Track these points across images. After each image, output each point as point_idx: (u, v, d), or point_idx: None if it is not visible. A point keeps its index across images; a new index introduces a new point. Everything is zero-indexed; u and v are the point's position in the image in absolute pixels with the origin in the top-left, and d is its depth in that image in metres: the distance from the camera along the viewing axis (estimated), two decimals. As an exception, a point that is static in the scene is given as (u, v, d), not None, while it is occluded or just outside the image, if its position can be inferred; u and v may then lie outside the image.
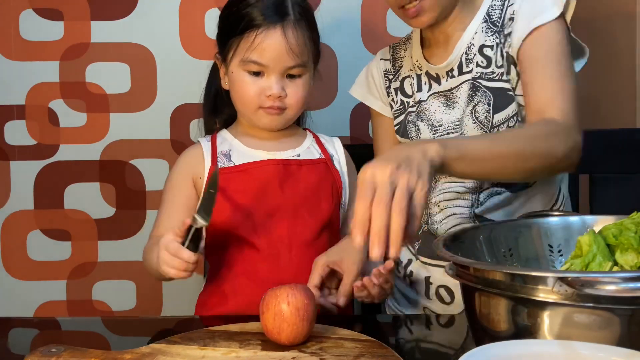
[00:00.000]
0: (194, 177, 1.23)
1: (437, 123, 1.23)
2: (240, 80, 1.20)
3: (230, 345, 0.91)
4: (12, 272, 1.74)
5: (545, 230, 0.95)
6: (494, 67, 1.19)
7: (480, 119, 1.18)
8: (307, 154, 1.27)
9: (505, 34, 1.18)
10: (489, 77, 1.19)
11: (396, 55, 1.34)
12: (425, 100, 1.26)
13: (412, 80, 1.29)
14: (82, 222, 1.73)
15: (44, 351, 0.86)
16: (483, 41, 1.20)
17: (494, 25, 1.20)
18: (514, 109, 1.17)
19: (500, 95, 1.17)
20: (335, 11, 1.68)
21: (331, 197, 1.25)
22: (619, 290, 0.65)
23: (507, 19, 1.18)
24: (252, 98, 1.20)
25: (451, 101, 1.23)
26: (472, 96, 1.20)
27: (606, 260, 0.82)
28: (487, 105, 1.18)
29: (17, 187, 1.72)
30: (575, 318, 0.68)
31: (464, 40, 1.21)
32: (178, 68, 1.71)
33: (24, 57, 1.70)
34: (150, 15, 1.71)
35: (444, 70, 1.24)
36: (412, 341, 1.05)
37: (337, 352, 0.88)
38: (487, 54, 1.20)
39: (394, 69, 1.33)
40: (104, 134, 1.72)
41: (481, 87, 1.19)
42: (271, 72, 1.19)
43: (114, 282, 1.74)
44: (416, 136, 1.27)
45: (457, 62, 1.22)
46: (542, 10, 1.14)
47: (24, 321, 1.16)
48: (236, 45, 1.20)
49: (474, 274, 0.76)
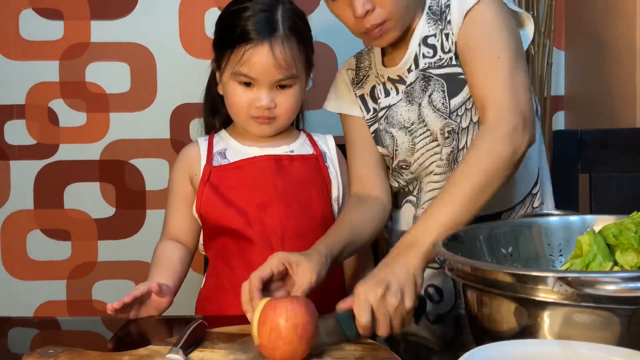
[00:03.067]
0: (190, 174, 1.27)
1: (407, 123, 1.23)
2: (231, 91, 1.24)
3: (229, 347, 0.91)
4: (12, 272, 1.74)
5: (545, 230, 0.94)
6: (441, 53, 1.18)
7: (438, 107, 1.18)
8: (301, 150, 1.30)
9: (446, 21, 1.17)
10: (438, 64, 1.19)
11: (360, 64, 1.33)
12: (395, 104, 1.25)
13: (378, 87, 1.28)
14: (82, 222, 1.73)
15: (42, 352, 0.85)
16: (426, 32, 1.20)
17: (433, 14, 1.20)
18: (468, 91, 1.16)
19: (451, 80, 1.17)
20: (335, 11, 1.68)
21: (321, 192, 1.27)
22: (619, 290, 0.65)
23: (444, 5, 1.18)
24: (243, 108, 1.23)
25: (411, 97, 1.23)
26: (425, 87, 1.20)
27: (606, 260, 0.82)
28: (442, 92, 1.18)
29: (17, 187, 1.72)
30: (575, 318, 0.68)
31: (415, 37, 1.21)
32: (178, 68, 1.71)
33: (24, 56, 1.70)
34: (150, 15, 1.71)
35: (404, 69, 1.23)
36: (412, 342, 1.05)
37: (337, 354, 0.87)
38: (431, 43, 1.20)
39: (358, 78, 1.33)
40: (103, 133, 1.72)
41: (432, 76, 1.19)
42: (261, 85, 1.22)
43: (114, 282, 1.74)
44: (392, 143, 1.25)
45: (412, 57, 1.21)
46: None
47: (24, 321, 1.16)
48: (228, 57, 1.23)
49: (474, 274, 0.76)
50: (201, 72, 1.36)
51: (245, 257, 1.22)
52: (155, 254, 1.25)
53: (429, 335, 1.07)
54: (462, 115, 1.17)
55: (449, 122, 1.18)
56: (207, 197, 1.23)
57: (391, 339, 0.94)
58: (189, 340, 0.89)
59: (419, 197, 1.25)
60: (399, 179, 1.28)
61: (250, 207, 1.22)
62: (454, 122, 1.17)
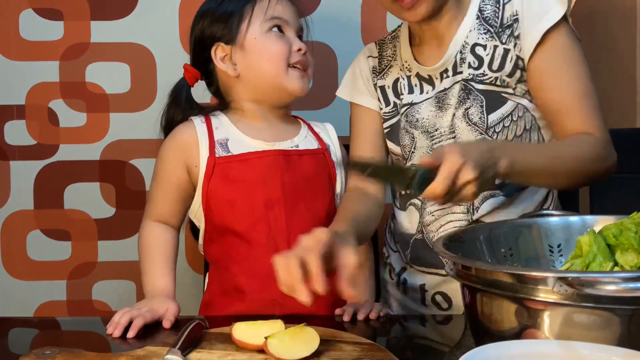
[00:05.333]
0: (188, 165, 1.21)
1: (431, 128, 1.20)
2: (267, 41, 1.23)
3: (227, 348, 0.90)
4: (12, 272, 1.74)
5: (546, 230, 0.94)
6: (487, 69, 1.16)
7: (475, 121, 1.16)
8: (306, 144, 1.27)
9: (514, 35, 1.14)
10: (480, 79, 1.16)
11: (383, 52, 1.30)
12: (418, 103, 1.22)
13: (402, 81, 1.25)
14: (82, 222, 1.73)
15: (38, 353, 0.85)
16: (476, 39, 1.17)
17: (488, 23, 1.17)
18: (509, 108, 1.15)
19: (492, 97, 1.16)
20: (335, 11, 1.68)
21: (328, 189, 1.25)
22: (619, 290, 0.65)
23: (508, 19, 1.15)
24: (283, 54, 1.22)
25: (442, 103, 1.19)
26: (463, 99, 1.17)
27: (606, 260, 0.82)
28: (480, 107, 1.16)
29: (17, 187, 1.72)
30: (575, 318, 0.68)
31: (458, 39, 1.18)
32: (178, 68, 1.70)
33: (24, 57, 1.70)
34: (150, 15, 1.70)
35: (437, 71, 1.20)
36: (412, 343, 1.05)
37: (335, 355, 0.87)
38: (479, 54, 1.17)
39: (380, 67, 1.29)
40: (103, 134, 1.72)
41: (473, 89, 1.17)
42: (290, 31, 1.24)
43: (114, 282, 1.74)
44: (410, 144, 1.23)
45: (451, 62, 1.19)
46: (547, 8, 1.12)
47: (24, 321, 1.16)
48: (250, 14, 1.23)
49: (474, 274, 0.76)
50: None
51: (247, 262, 1.18)
52: (146, 242, 1.22)
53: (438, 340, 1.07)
54: (499, 132, 1.16)
55: (485, 137, 1.15)
56: (212, 194, 1.18)
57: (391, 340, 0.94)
58: (186, 340, 0.89)
59: (424, 203, 1.23)
60: None
61: (256, 206, 1.18)
62: (489, 138, 1.15)
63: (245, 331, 0.90)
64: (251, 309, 1.14)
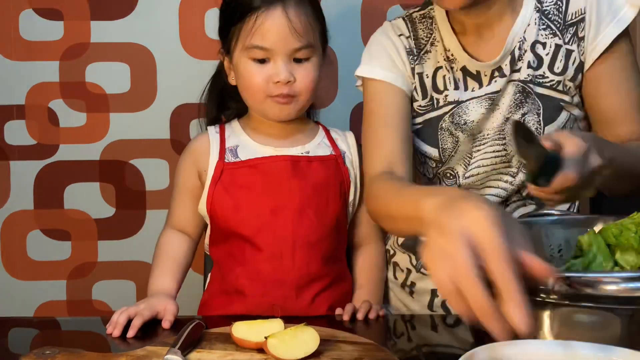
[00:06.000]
0: (199, 169, 1.21)
1: (476, 131, 1.09)
2: (245, 70, 1.14)
3: (227, 348, 0.90)
4: (12, 272, 1.74)
5: (546, 230, 0.94)
6: (546, 70, 1.06)
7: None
8: (317, 151, 1.21)
9: (579, 37, 1.06)
10: (539, 81, 1.07)
11: (417, 34, 1.13)
12: (465, 102, 1.09)
13: (447, 74, 1.10)
14: (82, 222, 1.73)
15: (38, 353, 0.85)
16: (536, 36, 1.06)
17: (548, 19, 1.06)
18: (565, 118, 1.08)
19: (549, 104, 1.07)
20: (335, 11, 1.68)
21: (339, 197, 1.20)
22: (620, 290, 0.65)
23: (573, 16, 1.06)
24: (260, 87, 1.13)
25: (496, 105, 1.08)
26: (521, 102, 1.07)
27: (606, 260, 0.82)
28: (537, 116, 1.07)
29: (17, 187, 1.72)
30: (575, 318, 0.68)
31: (515, 33, 1.06)
32: (178, 68, 1.71)
33: (24, 57, 1.70)
34: (150, 15, 1.70)
35: (490, 68, 1.08)
36: (411, 343, 1.05)
37: (335, 354, 0.87)
38: (538, 53, 1.06)
39: (417, 49, 1.12)
40: (103, 134, 1.72)
41: (532, 93, 1.07)
42: (277, 57, 1.11)
43: (114, 282, 1.74)
44: (452, 148, 1.11)
45: (507, 59, 1.07)
46: (616, 9, 1.04)
47: (24, 321, 1.16)
48: (237, 33, 1.14)
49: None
50: (201, 72, 1.36)
51: (251, 265, 1.17)
52: (160, 247, 1.21)
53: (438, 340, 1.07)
54: None
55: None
56: (217, 198, 1.17)
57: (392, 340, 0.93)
58: (186, 340, 0.89)
59: None
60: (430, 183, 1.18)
61: (262, 212, 1.16)
62: None
63: (245, 330, 0.90)
64: (250, 311, 1.14)
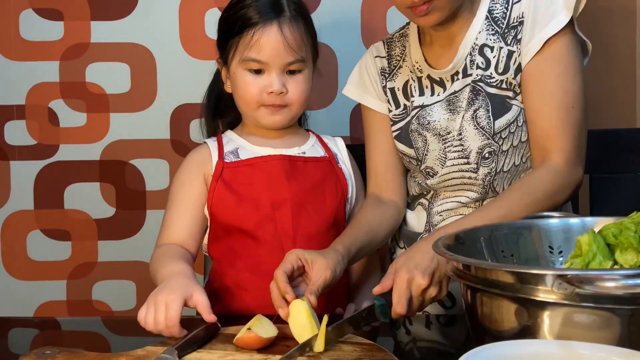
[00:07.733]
0: (205, 174, 1.24)
1: (443, 132, 1.19)
2: (241, 80, 1.22)
3: (227, 348, 0.90)
4: (12, 272, 1.74)
5: (546, 231, 0.94)
6: (493, 71, 1.15)
7: (482, 125, 1.15)
8: (312, 152, 1.29)
9: (517, 39, 1.13)
10: (487, 81, 1.15)
11: (391, 52, 1.28)
12: (429, 105, 1.21)
13: (413, 83, 1.24)
14: (82, 222, 1.73)
15: (38, 353, 0.86)
16: (484, 40, 1.16)
17: (496, 24, 1.15)
18: (514, 113, 1.14)
19: (497, 101, 1.15)
20: (335, 11, 1.68)
21: (335, 194, 1.26)
22: (619, 287, 0.65)
23: (514, 20, 1.13)
24: (254, 96, 1.22)
25: (454, 105, 1.18)
26: (472, 100, 1.16)
27: (606, 259, 0.82)
28: (487, 112, 1.14)
29: (17, 187, 1.72)
30: (575, 318, 0.68)
31: (468, 41, 1.17)
32: (178, 68, 1.71)
33: (24, 57, 1.70)
34: (150, 15, 1.70)
35: (448, 74, 1.19)
36: (411, 343, 1.05)
37: (335, 355, 0.87)
38: (486, 55, 1.16)
39: (390, 67, 1.28)
40: (104, 134, 1.72)
41: (482, 91, 1.15)
42: (271, 69, 1.20)
43: (114, 282, 1.74)
44: (423, 147, 1.22)
45: (461, 65, 1.17)
46: (553, 14, 1.09)
47: (24, 321, 1.16)
48: (235, 46, 1.22)
49: (474, 274, 0.76)
50: (201, 72, 1.36)
51: (252, 258, 1.20)
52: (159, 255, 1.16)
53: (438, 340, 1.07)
54: (505, 138, 1.15)
55: (491, 142, 1.15)
56: (218, 194, 1.20)
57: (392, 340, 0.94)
58: (188, 340, 0.89)
59: (432, 203, 1.24)
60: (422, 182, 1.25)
61: (263, 206, 1.20)
62: (495, 143, 1.15)
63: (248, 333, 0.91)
64: (250, 307, 1.15)
